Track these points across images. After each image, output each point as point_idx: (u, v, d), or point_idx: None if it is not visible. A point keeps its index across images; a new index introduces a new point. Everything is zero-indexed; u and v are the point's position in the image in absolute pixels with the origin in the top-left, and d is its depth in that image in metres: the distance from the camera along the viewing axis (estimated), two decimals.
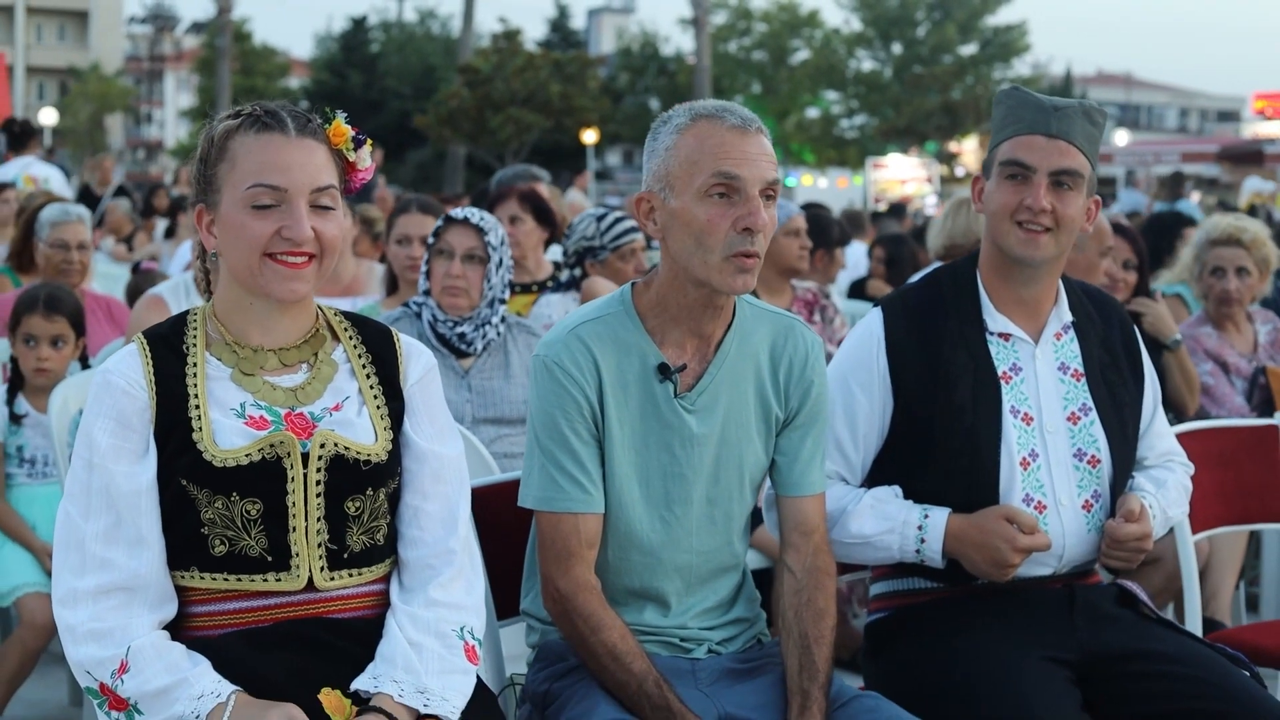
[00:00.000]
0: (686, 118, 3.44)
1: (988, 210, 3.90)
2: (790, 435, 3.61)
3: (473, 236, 5.56)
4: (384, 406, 3.26)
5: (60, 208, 7.36)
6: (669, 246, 3.44)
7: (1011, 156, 3.84)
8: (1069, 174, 3.81)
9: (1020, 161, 3.82)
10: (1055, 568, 3.87)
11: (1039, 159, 3.80)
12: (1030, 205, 3.79)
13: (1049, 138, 3.81)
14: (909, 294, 4.04)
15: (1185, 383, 6.57)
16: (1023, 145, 3.83)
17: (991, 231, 3.89)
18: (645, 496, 3.49)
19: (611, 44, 75.13)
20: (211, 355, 3.19)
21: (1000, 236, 3.86)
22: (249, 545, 3.09)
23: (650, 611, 3.54)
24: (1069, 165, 3.81)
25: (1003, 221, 3.83)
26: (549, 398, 3.44)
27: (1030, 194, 3.79)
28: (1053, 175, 3.80)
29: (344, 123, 3.25)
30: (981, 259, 3.98)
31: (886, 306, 3.98)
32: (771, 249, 6.69)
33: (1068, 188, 3.82)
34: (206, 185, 3.18)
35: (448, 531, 3.26)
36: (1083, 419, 3.91)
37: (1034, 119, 3.84)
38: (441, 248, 5.56)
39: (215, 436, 3.09)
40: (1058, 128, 3.81)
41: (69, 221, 7.21)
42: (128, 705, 2.98)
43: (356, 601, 3.19)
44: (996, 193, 3.86)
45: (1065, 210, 3.81)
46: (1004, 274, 3.91)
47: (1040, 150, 3.81)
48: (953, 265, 4.07)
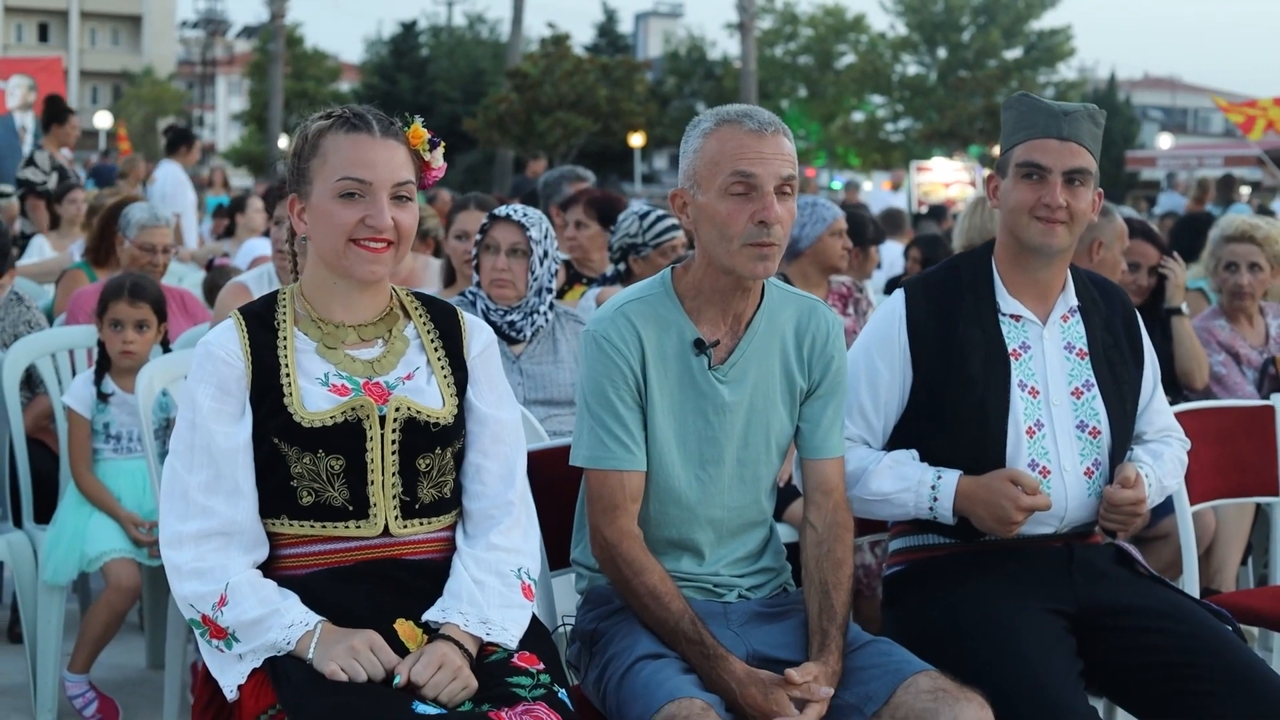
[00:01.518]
0: (711, 122, 3.86)
1: (1005, 206, 4.30)
2: (813, 404, 4.02)
3: (515, 232, 5.96)
4: (450, 376, 3.67)
5: (150, 211, 7.65)
6: (699, 237, 3.87)
7: (1028, 159, 4.25)
8: (1080, 172, 4.23)
9: (1037, 163, 4.23)
10: (1057, 528, 4.26)
11: (1053, 160, 4.22)
12: (1048, 203, 4.19)
13: (1061, 140, 4.22)
14: (930, 277, 4.45)
15: (1191, 352, 6.95)
16: (1037, 148, 4.24)
17: (1010, 224, 4.30)
18: (683, 457, 3.90)
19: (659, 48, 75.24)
20: (299, 330, 3.60)
21: (1020, 230, 4.26)
22: (333, 496, 3.50)
23: (686, 560, 3.95)
24: (1080, 165, 4.23)
25: (1022, 216, 4.24)
26: (597, 368, 3.85)
27: (1047, 192, 4.20)
28: (1066, 174, 4.21)
29: (421, 126, 3.67)
30: (997, 248, 4.38)
31: (909, 288, 4.39)
32: (816, 248, 7.06)
33: (1079, 184, 4.23)
34: (299, 177, 3.60)
35: (506, 486, 3.68)
36: (1085, 394, 4.30)
37: (1046, 124, 4.24)
38: (488, 243, 5.97)
39: (304, 401, 3.50)
40: (1068, 131, 4.22)
41: (158, 226, 7.52)
42: (227, 634, 3.40)
43: (426, 546, 3.61)
44: (1014, 191, 4.26)
45: (1078, 205, 4.22)
46: (1018, 261, 4.32)
47: (1054, 152, 4.22)
48: (971, 253, 4.49)
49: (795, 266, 7.13)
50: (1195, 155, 45.74)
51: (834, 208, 7.34)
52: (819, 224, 7.14)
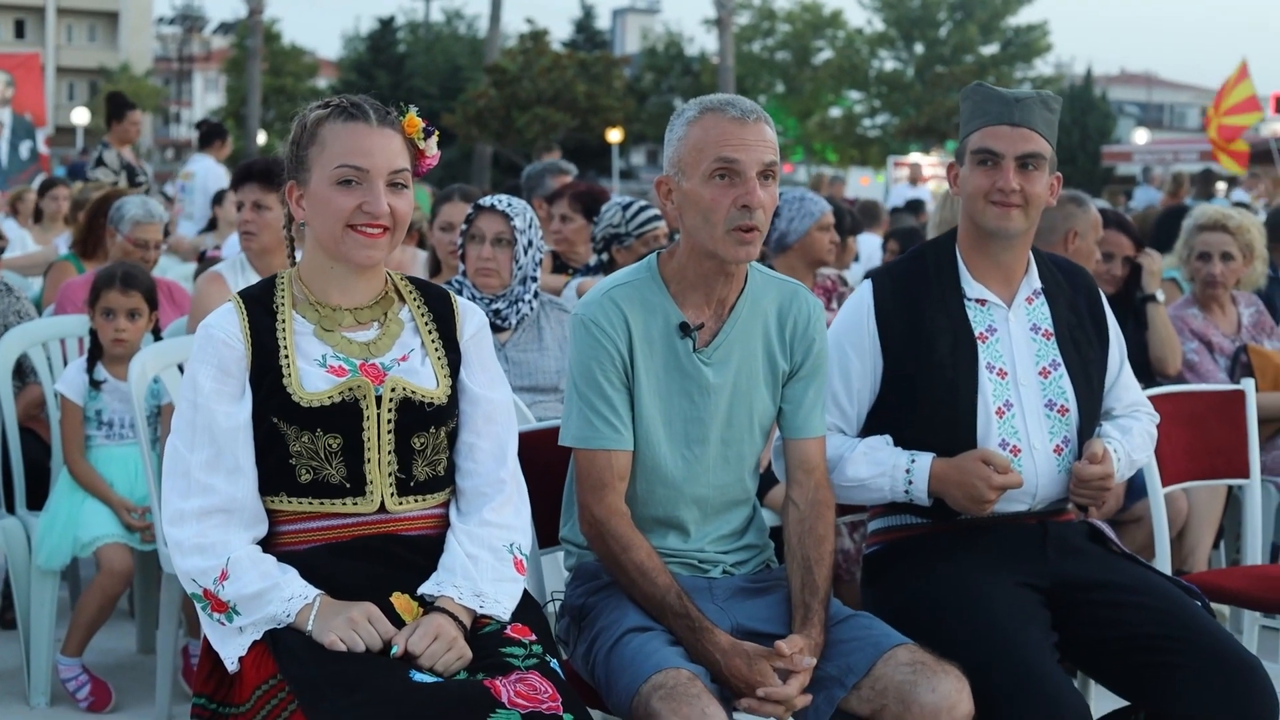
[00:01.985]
0: (695, 110, 3.98)
1: (964, 192, 4.42)
2: (795, 386, 4.13)
3: (500, 222, 6.07)
4: (444, 358, 3.77)
5: (144, 207, 7.71)
6: (684, 223, 3.98)
7: (982, 145, 4.37)
8: (1033, 157, 4.34)
9: (990, 149, 4.35)
10: (1030, 505, 4.37)
11: (1006, 146, 4.33)
12: (1002, 187, 4.31)
13: (1013, 126, 4.34)
14: (895, 267, 4.58)
15: (1166, 339, 7.06)
16: (991, 135, 4.36)
17: (968, 210, 4.42)
18: (669, 437, 4.01)
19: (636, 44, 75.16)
20: (297, 313, 3.71)
21: (977, 214, 4.38)
22: (330, 474, 3.61)
23: (672, 537, 4.06)
24: (1033, 149, 4.34)
25: (978, 201, 4.36)
26: (586, 350, 3.96)
27: (1001, 177, 4.32)
28: (1019, 159, 4.33)
29: (416, 116, 3.78)
30: (959, 234, 4.50)
31: (876, 278, 4.51)
32: (804, 242, 7.13)
33: (1033, 169, 4.34)
34: (298, 165, 3.71)
35: (498, 464, 3.79)
36: (1052, 373, 4.42)
37: (999, 111, 4.36)
38: (473, 233, 6.08)
39: (302, 381, 3.61)
40: (1020, 117, 4.33)
41: (152, 222, 7.59)
42: (227, 607, 3.50)
43: (421, 522, 3.71)
44: (971, 177, 4.38)
45: (1032, 189, 4.33)
46: (980, 246, 4.43)
47: (1006, 138, 4.34)
48: (935, 241, 4.61)
49: (782, 260, 7.20)
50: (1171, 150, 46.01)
51: (821, 201, 7.41)
52: (806, 218, 7.20)
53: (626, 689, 3.66)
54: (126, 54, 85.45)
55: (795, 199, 7.27)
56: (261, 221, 6.48)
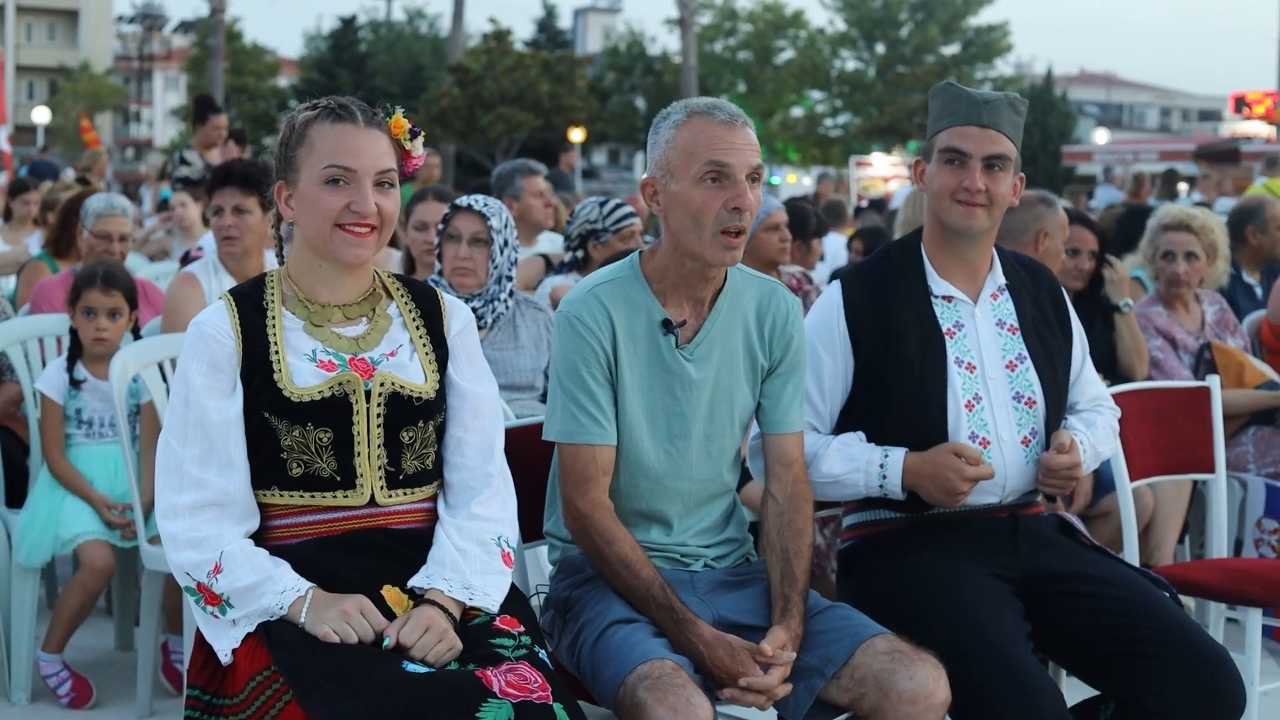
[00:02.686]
0: (683, 114, 4.05)
1: (930, 190, 4.51)
2: (774, 381, 4.21)
3: (477, 222, 6.16)
4: (431, 353, 3.84)
5: (106, 200, 7.74)
6: (669, 224, 4.05)
7: (949, 144, 4.45)
8: (999, 158, 4.43)
9: (957, 149, 4.44)
10: (1000, 497, 4.45)
11: (973, 146, 4.42)
12: (968, 186, 4.40)
13: (981, 127, 4.43)
14: (863, 266, 4.67)
15: (1134, 347, 7.14)
16: (958, 134, 4.45)
17: (934, 208, 4.51)
18: (651, 432, 4.08)
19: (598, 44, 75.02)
20: (287, 310, 3.77)
21: (942, 213, 4.47)
22: (321, 467, 3.67)
23: (655, 531, 4.14)
24: (999, 151, 4.43)
25: (944, 200, 4.45)
26: (570, 346, 4.03)
27: (968, 176, 4.40)
28: (985, 160, 4.42)
29: (402, 117, 3.85)
30: (925, 233, 4.59)
31: (844, 278, 4.60)
32: (754, 244, 7.22)
33: (998, 169, 4.44)
34: (287, 165, 3.78)
35: (485, 458, 3.86)
36: (1019, 366, 4.51)
37: (967, 111, 4.45)
38: (451, 233, 6.16)
39: (292, 376, 3.67)
40: (988, 118, 4.43)
41: (114, 215, 7.60)
42: (221, 600, 3.56)
43: (411, 515, 3.79)
44: (938, 175, 4.47)
45: (997, 189, 4.43)
46: (945, 244, 4.53)
47: (974, 139, 4.43)
48: (901, 240, 4.70)
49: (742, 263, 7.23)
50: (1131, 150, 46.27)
51: (769, 201, 7.52)
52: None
53: (612, 680, 3.73)
54: (86, 52, 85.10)
55: None
56: (243, 225, 6.49)
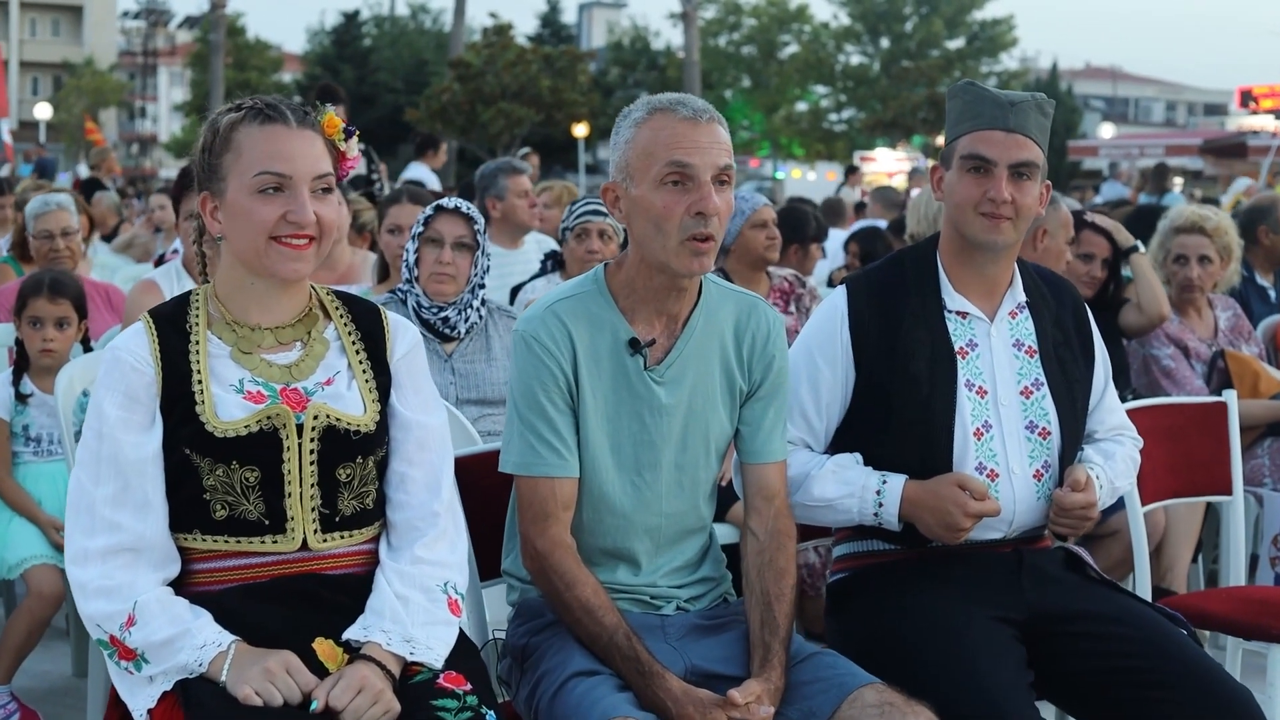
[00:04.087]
0: (643, 111, 3.70)
1: (950, 200, 4.14)
2: (753, 406, 3.86)
3: (462, 225, 5.79)
4: (372, 380, 3.50)
5: (40, 199, 7.56)
6: (633, 232, 3.70)
7: (973, 151, 4.08)
8: (1027, 166, 4.07)
9: (982, 156, 4.06)
10: (1005, 533, 4.11)
11: (999, 153, 4.05)
12: (993, 197, 4.03)
13: (1007, 132, 4.06)
14: (873, 273, 4.29)
15: (1149, 287, 6.86)
16: (982, 140, 4.08)
17: (954, 219, 4.14)
18: (617, 462, 3.73)
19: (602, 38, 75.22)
20: (213, 334, 3.44)
21: (964, 225, 4.10)
22: (248, 510, 3.34)
23: (622, 570, 3.79)
24: (1027, 158, 4.06)
25: (966, 211, 4.08)
26: (527, 370, 3.68)
27: (992, 186, 4.04)
28: (1012, 168, 4.05)
29: (336, 114, 3.51)
30: (942, 242, 4.23)
31: (851, 285, 4.23)
32: (739, 242, 6.97)
33: (1025, 178, 4.07)
34: (211, 174, 3.42)
35: (432, 495, 3.52)
36: (1035, 393, 4.16)
37: (992, 114, 4.08)
38: (431, 235, 5.79)
39: (216, 409, 3.34)
40: (1015, 122, 4.06)
41: (49, 211, 7.40)
42: (136, 655, 3.23)
43: (348, 560, 3.44)
44: (959, 185, 4.10)
45: (1023, 199, 4.06)
46: (963, 256, 4.16)
47: (1000, 145, 4.06)
48: (915, 247, 4.33)
49: (728, 264, 7.09)
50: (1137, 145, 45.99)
51: (755, 199, 7.29)
52: (738, 217, 7.06)
53: None
54: (90, 48, 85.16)
55: None
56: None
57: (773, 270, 7.36)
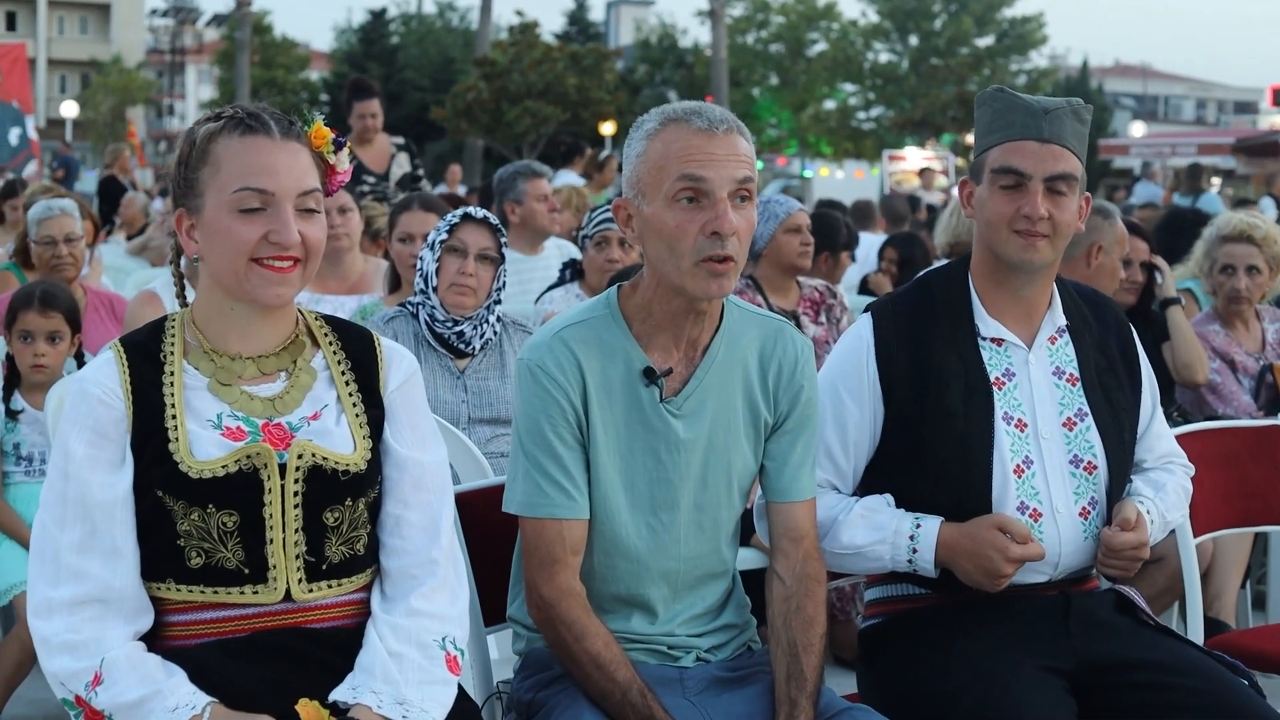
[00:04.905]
0: (655, 122, 3.40)
1: (981, 218, 3.83)
2: (780, 440, 3.56)
3: (488, 236, 5.51)
4: (363, 414, 3.21)
5: (44, 203, 7.33)
6: (646, 253, 3.41)
7: (1005, 164, 3.77)
8: (1064, 178, 3.75)
9: (1014, 169, 3.75)
10: (1051, 575, 3.80)
11: (1033, 165, 3.74)
12: (1028, 214, 3.72)
13: (1041, 142, 3.75)
14: (899, 298, 3.98)
15: (1189, 344, 6.58)
16: (1015, 151, 3.77)
17: (986, 238, 3.83)
18: (631, 502, 3.44)
19: (630, 36, 75.24)
20: (189, 364, 3.15)
21: (998, 244, 3.79)
22: (225, 558, 3.05)
23: (637, 619, 3.49)
24: (1064, 170, 3.75)
25: (999, 229, 3.77)
26: (533, 402, 3.39)
27: (1027, 202, 3.73)
28: (1048, 181, 3.74)
29: (323, 125, 3.22)
30: (973, 263, 3.92)
31: (876, 312, 3.92)
32: (772, 247, 6.75)
33: (1063, 192, 3.76)
34: (188, 189, 3.14)
35: (430, 540, 3.22)
36: (1078, 424, 3.85)
37: (1025, 123, 3.77)
38: (454, 245, 5.49)
39: (192, 448, 3.05)
40: (1050, 131, 3.75)
41: (53, 216, 7.16)
42: (103, 716, 2.95)
43: (336, 611, 3.15)
44: (991, 201, 3.79)
45: (1061, 216, 3.75)
46: (997, 278, 3.85)
47: (1034, 156, 3.75)
48: (945, 268, 4.02)
49: (758, 270, 6.89)
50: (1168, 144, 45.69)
51: (790, 203, 7.08)
52: (771, 220, 6.86)
53: None
54: (118, 46, 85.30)
55: (760, 202, 6.87)
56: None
57: (802, 280, 7.10)
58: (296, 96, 63.66)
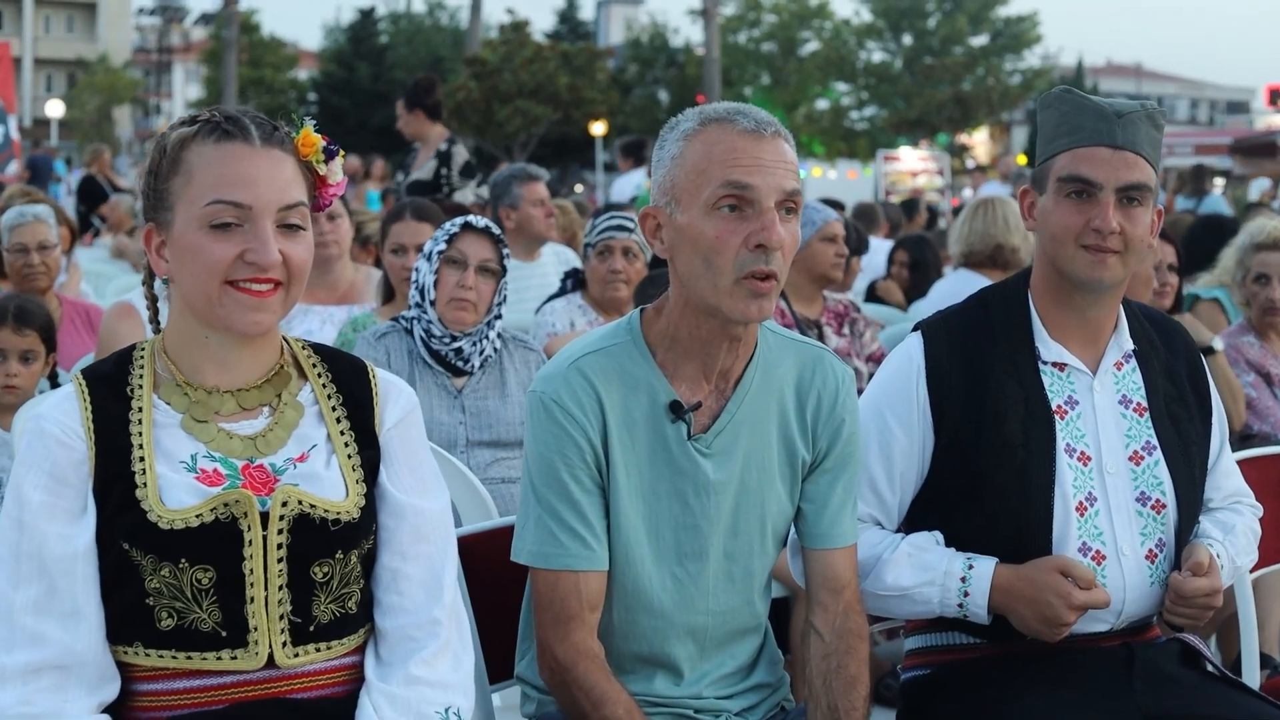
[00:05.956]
0: (695, 122, 3.04)
1: (1045, 230, 3.49)
2: (818, 480, 3.22)
3: (489, 248, 5.17)
4: (356, 456, 2.87)
5: (17, 210, 7.03)
6: (677, 269, 3.06)
7: (1074, 172, 3.42)
8: (1138, 189, 3.41)
9: (1085, 178, 3.41)
10: (1113, 624, 3.47)
11: (1105, 174, 3.40)
12: (1099, 227, 3.38)
13: (1114, 149, 3.40)
14: (952, 317, 3.63)
15: (1230, 391, 6.18)
16: (1085, 159, 3.42)
17: (1050, 253, 3.48)
18: (655, 551, 3.09)
19: (621, 35, 75.02)
20: (160, 399, 2.80)
21: (1064, 261, 3.45)
22: (200, 619, 2.70)
23: (661, 680, 3.16)
24: (1138, 179, 3.41)
25: (1066, 245, 3.43)
26: (547, 440, 3.04)
27: (1098, 214, 3.39)
28: (1120, 191, 3.40)
29: (314, 131, 2.87)
30: (1034, 280, 3.58)
31: (927, 331, 3.57)
32: (805, 254, 6.51)
33: (1137, 204, 3.42)
34: (158, 202, 2.79)
35: (431, 598, 2.87)
36: (1146, 459, 3.51)
37: (1095, 128, 3.43)
38: (453, 256, 5.14)
39: (162, 494, 2.70)
40: (1123, 137, 3.41)
41: (25, 223, 6.85)
42: None
43: (325, 678, 2.80)
44: (1057, 212, 3.45)
45: (1134, 230, 3.41)
46: (1060, 298, 3.51)
47: (1106, 164, 3.40)
48: (1002, 285, 3.67)
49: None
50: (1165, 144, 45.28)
51: (827, 210, 6.84)
52: (807, 227, 6.57)
53: None
54: (105, 45, 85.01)
55: None
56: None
57: (827, 294, 6.84)
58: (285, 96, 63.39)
